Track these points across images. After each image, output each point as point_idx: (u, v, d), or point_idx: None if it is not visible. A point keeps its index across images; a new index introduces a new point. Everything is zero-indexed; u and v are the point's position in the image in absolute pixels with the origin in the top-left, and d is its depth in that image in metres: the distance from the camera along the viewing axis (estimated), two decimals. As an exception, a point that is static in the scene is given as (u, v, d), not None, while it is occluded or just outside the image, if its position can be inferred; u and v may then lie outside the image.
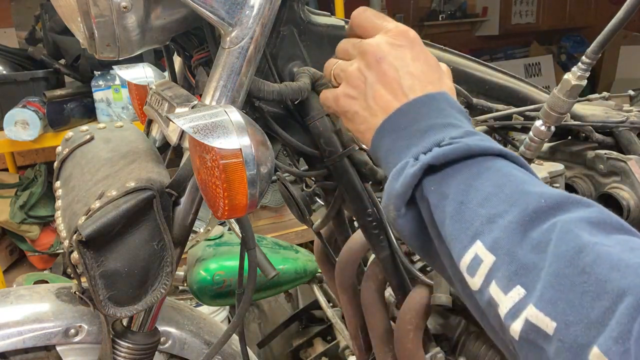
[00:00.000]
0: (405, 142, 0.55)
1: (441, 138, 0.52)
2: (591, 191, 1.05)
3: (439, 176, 0.51)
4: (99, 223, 0.62)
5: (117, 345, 0.80)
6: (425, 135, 0.54)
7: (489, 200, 0.47)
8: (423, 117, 0.56)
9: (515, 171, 0.50)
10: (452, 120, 0.55)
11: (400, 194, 0.52)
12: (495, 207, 0.46)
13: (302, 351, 1.72)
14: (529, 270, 0.42)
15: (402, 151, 0.55)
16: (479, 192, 0.48)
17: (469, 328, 0.93)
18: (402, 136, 0.56)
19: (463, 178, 0.50)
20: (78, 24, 0.67)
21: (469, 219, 0.48)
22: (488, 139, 0.53)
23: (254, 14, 0.66)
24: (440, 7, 4.92)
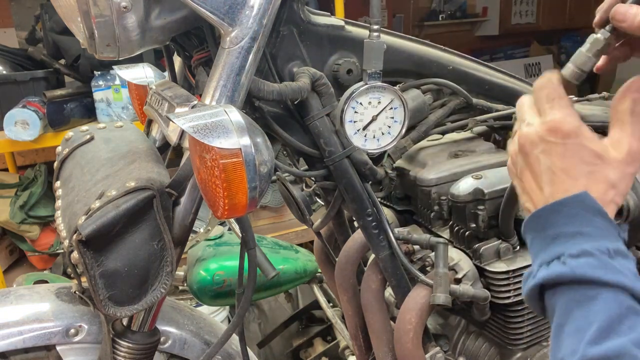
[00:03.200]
0: (537, 246, 0.60)
1: (562, 251, 0.56)
2: (591, 191, 1.05)
3: (552, 291, 0.56)
4: (99, 223, 0.62)
5: (117, 345, 0.80)
6: (552, 244, 0.58)
7: (578, 332, 0.51)
8: (553, 224, 0.59)
9: (613, 306, 0.51)
10: (582, 228, 0.57)
11: (528, 300, 0.59)
12: (578, 343, 0.51)
13: (302, 351, 1.72)
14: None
15: (535, 255, 0.60)
16: (575, 322, 0.52)
17: (469, 328, 0.93)
18: (536, 239, 0.60)
19: (567, 300, 0.54)
20: (78, 24, 0.67)
21: (561, 343, 0.53)
22: (603, 264, 0.53)
23: (254, 14, 0.66)
24: (440, 7, 4.92)
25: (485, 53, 5.05)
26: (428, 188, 0.86)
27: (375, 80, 0.73)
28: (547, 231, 0.59)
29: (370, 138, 0.75)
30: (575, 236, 0.56)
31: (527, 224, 0.62)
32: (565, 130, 0.61)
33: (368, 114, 0.74)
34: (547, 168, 0.62)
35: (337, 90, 0.76)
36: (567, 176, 0.60)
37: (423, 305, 0.78)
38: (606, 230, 0.57)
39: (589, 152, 0.61)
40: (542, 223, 0.60)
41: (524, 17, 5.27)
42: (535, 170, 0.63)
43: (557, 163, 0.61)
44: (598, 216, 0.57)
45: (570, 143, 0.61)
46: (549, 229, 0.59)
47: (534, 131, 0.63)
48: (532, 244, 0.61)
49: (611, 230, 0.57)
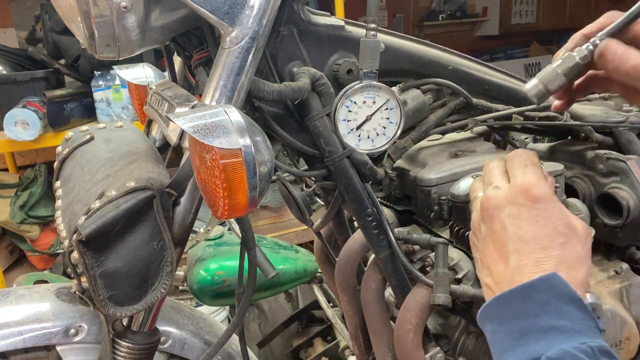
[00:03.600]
0: (501, 342, 0.51)
1: (539, 352, 0.47)
2: (591, 191, 1.05)
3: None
4: (99, 223, 0.62)
5: (117, 345, 0.80)
6: (522, 341, 0.49)
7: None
8: (521, 315, 0.51)
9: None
10: (556, 321, 0.49)
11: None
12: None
13: (302, 351, 1.72)
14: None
15: (500, 352, 0.51)
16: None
17: (469, 328, 0.93)
18: (500, 331, 0.52)
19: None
20: (78, 24, 0.67)
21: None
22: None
23: (254, 14, 0.66)
24: (440, 7, 4.92)
25: (485, 53, 5.05)
26: (428, 188, 0.86)
27: (370, 80, 0.72)
28: (514, 323, 0.51)
29: (364, 138, 0.75)
30: (549, 331, 0.49)
31: (486, 311, 0.55)
32: (537, 194, 0.56)
33: (362, 113, 0.74)
34: (514, 235, 0.55)
35: (337, 90, 0.76)
36: (537, 246, 0.54)
37: (423, 306, 0.78)
38: (583, 322, 0.50)
39: (563, 222, 0.56)
40: (507, 311, 0.52)
41: (524, 17, 5.27)
42: (500, 238, 0.56)
43: (527, 229, 0.55)
44: (572, 305, 0.50)
45: (542, 208, 0.56)
46: (517, 321, 0.51)
47: (501, 194, 0.58)
48: (494, 337, 0.53)
49: (589, 323, 0.50)
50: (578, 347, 0.47)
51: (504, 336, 0.51)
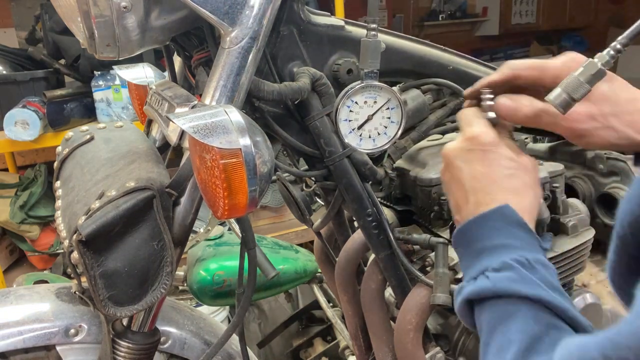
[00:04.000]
0: (466, 261, 0.62)
1: (487, 265, 0.57)
2: (591, 191, 1.05)
3: (479, 306, 0.57)
4: (99, 223, 0.62)
5: (117, 345, 0.80)
6: (478, 258, 0.59)
7: (500, 351, 0.52)
8: (477, 239, 0.60)
9: (531, 324, 0.52)
10: (504, 240, 0.58)
11: (458, 313, 0.60)
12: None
13: (302, 351, 1.72)
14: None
15: (465, 270, 0.61)
16: (497, 341, 0.53)
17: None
18: (465, 254, 0.62)
19: (490, 318, 0.55)
20: (78, 24, 0.67)
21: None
22: (522, 277, 0.54)
23: (254, 14, 0.66)
24: (440, 7, 4.92)
25: (485, 53, 5.05)
26: (428, 188, 0.86)
27: (371, 80, 0.72)
28: (473, 246, 0.60)
29: (365, 138, 0.75)
30: (498, 249, 0.58)
31: (454, 239, 0.64)
32: (483, 140, 0.64)
33: (363, 113, 0.74)
34: (469, 175, 0.64)
35: (337, 90, 0.76)
36: (488, 181, 0.62)
37: (423, 305, 0.78)
38: (526, 241, 0.58)
39: (507, 158, 0.63)
40: (467, 238, 0.62)
41: (524, 17, 5.27)
42: (460, 180, 0.65)
43: (478, 168, 0.63)
44: (519, 228, 0.59)
45: (488, 150, 0.64)
46: (475, 243, 0.60)
47: (456, 144, 0.66)
48: (461, 259, 0.63)
49: (531, 241, 0.59)
50: (516, 259, 0.56)
51: (467, 257, 0.61)
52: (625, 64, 4.61)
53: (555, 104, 0.62)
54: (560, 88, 0.62)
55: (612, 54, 0.61)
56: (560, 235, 0.85)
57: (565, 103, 0.61)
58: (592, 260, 1.09)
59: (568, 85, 0.61)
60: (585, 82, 0.61)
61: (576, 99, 0.61)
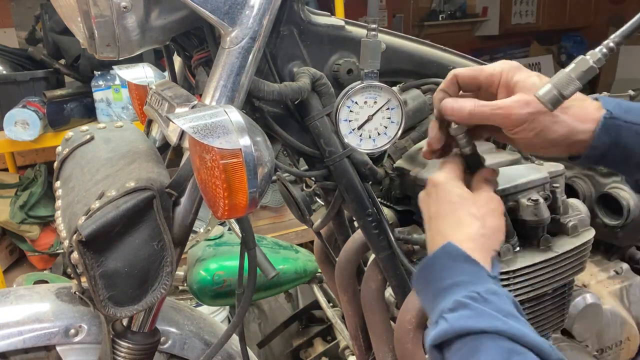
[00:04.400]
0: (426, 306, 0.64)
1: (443, 307, 0.59)
2: (591, 191, 1.05)
3: (447, 349, 0.58)
4: (99, 223, 0.62)
5: (117, 345, 0.80)
6: (435, 302, 0.61)
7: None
8: (431, 281, 0.63)
9: (494, 355, 0.53)
10: (454, 278, 0.61)
11: (430, 357, 0.60)
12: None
13: (302, 351, 1.72)
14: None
15: (428, 313, 0.63)
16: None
17: (469, 328, 0.93)
18: (424, 299, 0.65)
19: (458, 356, 0.56)
20: (78, 24, 0.67)
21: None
22: (476, 313, 0.56)
23: (254, 14, 0.66)
24: (440, 7, 4.92)
25: (485, 53, 5.05)
26: (428, 188, 0.86)
27: (371, 80, 0.72)
28: (429, 289, 0.63)
29: (365, 138, 0.75)
30: (450, 288, 0.60)
31: (414, 283, 0.67)
32: (435, 180, 0.69)
33: (364, 113, 0.74)
34: (427, 215, 0.69)
35: (337, 90, 0.76)
36: (439, 219, 0.66)
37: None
38: (474, 274, 0.61)
39: (455, 194, 0.67)
40: (423, 281, 0.64)
41: (524, 17, 5.27)
42: (425, 219, 0.70)
43: (432, 207, 0.68)
44: (464, 262, 0.62)
45: (440, 189, 0.68)
46: (430, 287, 0.63)
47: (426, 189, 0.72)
48: (423, 303, 0.65)
49: (479, 273, 0.61)
50: (467, 295, 0.57)
51: (426, 301, 0.63)
52: (625, 64, 4.61)
53: (544, 100, 0.61)
54: (551, 84, 0.61)
55: (604, 52, 0.60)
56: (560, 236, 0.85)
57: (554, 99, 0.61)
58: (592, 260, 1.09)
59: (559, 81, 0.61)
60: (576, 79, 0.60)
61: (566, 95, 0.61)
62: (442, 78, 0.89)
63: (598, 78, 4.98)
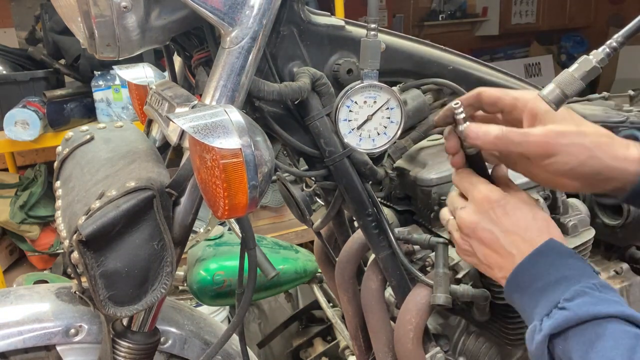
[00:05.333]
0: (529, 303, 0.61)
1: (557, 298, 0.58)
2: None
3: (562, 338, 0.57)
4: (99, 223, 0.62)
5: (117, 345, 0.80)
6: (543, 296, 0.60)
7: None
8: (537, 277, 0.61)
9: (623, 339, 0.53)
10: (564, 272, 0.60)
11: (536, 355, 0.59)
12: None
13: (302, 351, 1.72)
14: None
15: (530, 311, 0.61)
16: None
17: (469, 328, 0.93)
18: (525, 296, 0.62)
19: (580, 343, 0.55)
20: (78, 24, 0.67)
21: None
22: (598, 299, 0.56)
23: (254, 14, 0.66)
24: (440, 7, 4.92)
25: (485, 53, 5.05)
26: (428, 188, 0.86)
27: (371, 79, 0.72)
28: (533, 286, 0.61)
29: (365, 138, 0.75)
30: (560, 282, 0.59)
31: (509, 285, 0.64)
32: (495, 197, 0.66)
33: (363, 113, 0.74)
34: (501, 232, 0.65)
35: (337, 90, 0.76)
36: (521, 229, 0.64)
37: (423, 306, 0.78)
38: (583, 269, 0.60)
39: (522, 202, 0.66)
40: (525, 279, 0.62)
41: (524, 17, 5.27)
42: (492, 240, 0.66)
43: (506, 222, 0.65)
44: (571, 257, 0.61)
45: (503, 203, 0.66)
46: (534, 283, 0.61)
47: (470, 210, 0.68)
48: (522, 303, 0.63)
49: (587, 268, 0.61)
50: (584, 285, 0.57)
51: (529, 298, 0.61)
52: (625, 64, 4.61)
53: (548, 100, 0.61)
54: (554, 84, 0.62)
55: (607, 52, 0.60)
56: (560, 235, 0.85)
57: (558, 99, 0.61)
58: (592, 260, 1.09)
59: (562, 81, 0.61)
60: (579, 79, 0.60)
61: (569, 95, 0.61)
62: (442, 78, 0.90)
63: (598, 78, 4.98)
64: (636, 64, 4.53)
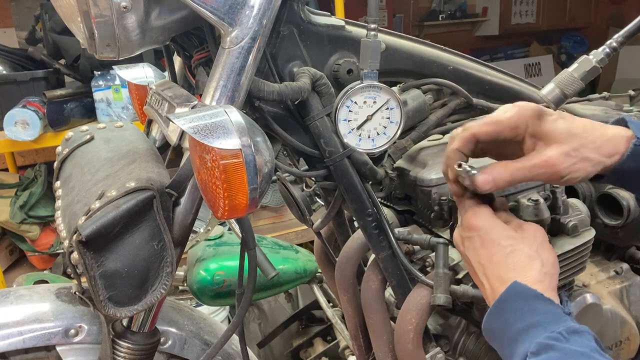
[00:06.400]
0: (505, 352, 0.61)
1: (525, 351, 0.56)
2: (591, 191, 1.05)
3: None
4: (99, 223, 0.62)
5: (117, 345, 0.80)
6: (515, 347, 0.58)
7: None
8: (505, 326, 0.60)
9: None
10: (530, 319, 0.58)
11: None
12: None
13: (302, 351, 1.72)
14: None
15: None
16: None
17: (469, 328, 0.93)
18: (501, 347, 0.61)
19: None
20: (78, 24, 0.67)
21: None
22: (563, 354, 0.54)
23: (254, 14, 0.66)
24: (440, 7, 4.92)
25: (485, 53, 5.05)
26: (428, 188, 0.86)
27: (371, 80, 0.72)
28: (505, 334, 0.60)
29: (364, 138, 0.75)
30: (528, 330, 0.58)
31: (485, 331, 0.64)
32: (478, 225, 0.66)
33: (363, 113, 0.74)
34: (477, 262, 0.66)
35: (337, 90, 0.76)
36: (493, 264, 0.64)
37: (423, 306, 0.78)
38: (550, 313, 0.59)
39: (505, 236, 0.65)
40: (496, 327, 0.62)
41: (524, 17, 5.27)
42: (472, 267, 0.68)
43: (481, 253, 0.65)
44: (537, 301, 0.60)
45: (483, 233, 0.66)
46: (505, 332, 0.60)
47: (458, 232, 0.70)
48: (499, 351, 0.62)
49: (555, 311, 0.59)
50: (549, 336, 0.55)
51: (503, 349, 0.61)
52: (625, 64, 4.61)
53: (547, 100, 0.62)
54: (554, 83, 0.62)
55: (607, 51, 0.61)
56: (560, 236, 0.85)
57: (557, 99, 0.62)
58: (592, 260, 1.09)
59: (562, 81, 0.61)
60: (579, 79, 0.61)
61: (569, 95, 0.61)
62: (442, 78, 0.90)
63: (598, 78, 4.98)
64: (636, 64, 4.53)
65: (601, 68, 0.62)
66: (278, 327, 1.76)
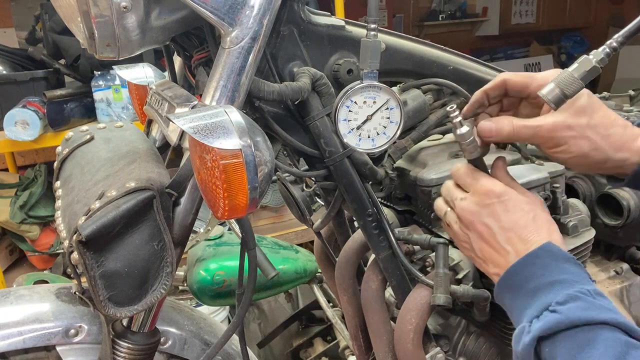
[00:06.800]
0: (520, 303, 0.61)
1: (549, 300, 0.58)
2: (591, 191, 1.05)
3: (550, 341, 0.56)
4: (99, 223, 0.62)
5: (117, 345, 0.80)
6: (535, 297, 0.59)
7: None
8: (530, 278, 0.61)
9: (614, 346, 0.53)
10: (559, 275, 0.60)
11: (522, 357, 0.58)
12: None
13: (302, 351, 1.72)
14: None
15: (520, 312, 0.61)
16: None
17: (469, 328, 0.93)
18: (517, 296, 0.62)
19: (568, 348, 0.55)
20: (78, 24, 0.67)
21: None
22: (591, 305, 0.56)
23: (254, 14, 0.66)
24: (440, 7, 4.92)
25: (485, 53, 5.06)
26: (428, 188, 0.86)
27: (371, 80, 0.72)
28: (525, 286, 0.61)
29: (364, 138, 0.75)
30: (554, 284, 0.59)
31: (501, 285, 0.64)
32: (497, 191, 0.67)
33: (363, 113, 0.74)
34: (498, 228, 0.66)
35: (337, 90, 0.76)
36: (519, 227, 0.65)
37: (423, 306, 0.78)
38: (578, 275, 0.60)
39: (523, 201, 0.66)
40: (518, 279, 0.62)
41: (524, 17, 5.27)
42: (489, 235, 0.67)
43: (504, 219, 0.65)
44: (567, 262, 0.61)
45: (506, 199, 0.66)
46: (527, 283, 0.61)
47: (470, 202, 0.68)
48: (513, 302, 0.63)
49: (583, 274, 0.60)
50: (578, 290, 0.57)
51: (520, 298, 0.61)
52: (625, 64, 4.61)
53: (547, 99, 0.62)
54: (554, 83, 0.62)
55: (607, 51, 0.61)
56: (560, 236, 0.85)
57: (557, 99, 0.62)
58: (592, 260, 1.09)
59: (561, 80, 0.61)
60: (579, 79, 0.61)
61: (569, 95, 0.61)
62: (442, 78, 0.90)
63: (598, 78, 4.97)
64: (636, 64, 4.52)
65: (601, 68, 0.62)
66: (278, 327, 1.76)
